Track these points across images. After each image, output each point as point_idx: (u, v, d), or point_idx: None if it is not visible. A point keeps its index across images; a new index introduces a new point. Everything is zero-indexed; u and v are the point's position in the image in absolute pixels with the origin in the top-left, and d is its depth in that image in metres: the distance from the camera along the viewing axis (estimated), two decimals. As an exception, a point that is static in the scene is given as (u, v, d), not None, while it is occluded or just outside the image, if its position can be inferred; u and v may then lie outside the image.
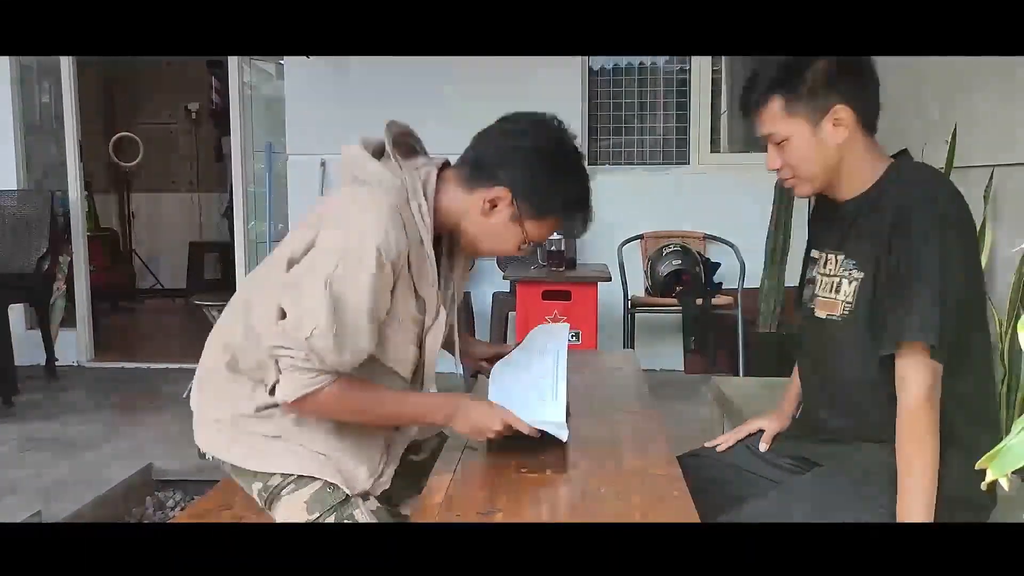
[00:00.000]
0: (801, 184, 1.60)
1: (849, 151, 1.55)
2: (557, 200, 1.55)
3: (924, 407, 1.43)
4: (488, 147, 1.56)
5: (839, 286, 1.58)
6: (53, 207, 4.94)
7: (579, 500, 1.34)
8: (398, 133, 1.58)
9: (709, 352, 4.85)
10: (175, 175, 8.16)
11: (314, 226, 1.46)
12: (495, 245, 1.59)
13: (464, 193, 1.55)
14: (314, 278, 1.39)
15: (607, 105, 5.12)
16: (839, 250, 1.60)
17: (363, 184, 1.48)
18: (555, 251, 3.97)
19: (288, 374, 1.41)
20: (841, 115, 1.52)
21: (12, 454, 3.48)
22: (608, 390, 2.02)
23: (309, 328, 1.37)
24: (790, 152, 1.57)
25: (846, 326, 1.56)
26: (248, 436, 1.54)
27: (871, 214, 1.55)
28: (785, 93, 1.54)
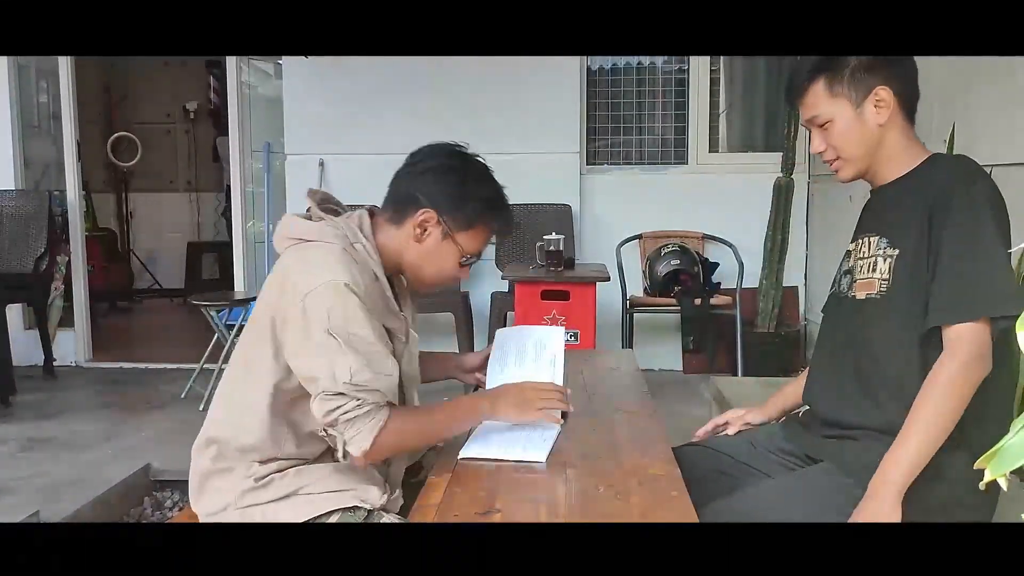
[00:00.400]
0: (845, 166, 1.64)
1: (890, 133, 1.60)
2: (477, 205, 1.61)
3: (959, 372, 1.42)
4: (402, 182, 1.63)
5: (875, 265, 1.60)
6: (51, 207, 4.95)
7: (577, 500, 1.34)
8: (320, 199, 1.65)
9: (707, 352, 4.85)
10: (173, 175, 8.16)
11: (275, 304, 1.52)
12: (437, 269, 1.64)
13: (396, 229, 1.61)
14: (319, 338, 1.45)
15: (605, 105, 5.12)
16: (874, 232, 1.64)
17: (307, 243, 1.55)
18: (554, 251, 3.97)
19: (352, 428, 1.47)
20: (883, 96, 1.57)
21: (10, 454, 3.48)
22: (607, 390, 2.02)
23: (345, 374, 1.44)
24: (834, 133, 1.61)
25: (883, 302, 1.57)
26: (260, 507, 1.56)
27: (907, 196, 1.58)
28: (829, 75, 1.59)
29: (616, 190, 4.99)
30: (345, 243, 1.53)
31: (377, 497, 1.57)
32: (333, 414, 1.46)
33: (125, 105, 7.97)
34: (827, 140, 1.63)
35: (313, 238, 1.54)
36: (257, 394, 1.54)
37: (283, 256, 1.58)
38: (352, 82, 4.69)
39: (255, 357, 1.56)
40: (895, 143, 1.61)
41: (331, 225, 1.56)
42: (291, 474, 1.56)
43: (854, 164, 1.63)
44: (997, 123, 2.82)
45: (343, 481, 1.56)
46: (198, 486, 1.61)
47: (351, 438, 1.48)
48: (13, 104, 5.08)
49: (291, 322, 1.48)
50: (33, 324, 5.01)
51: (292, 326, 1.48)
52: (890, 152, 1.61)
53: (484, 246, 1.67)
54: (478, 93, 4.86)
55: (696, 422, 2.45)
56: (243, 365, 1.60)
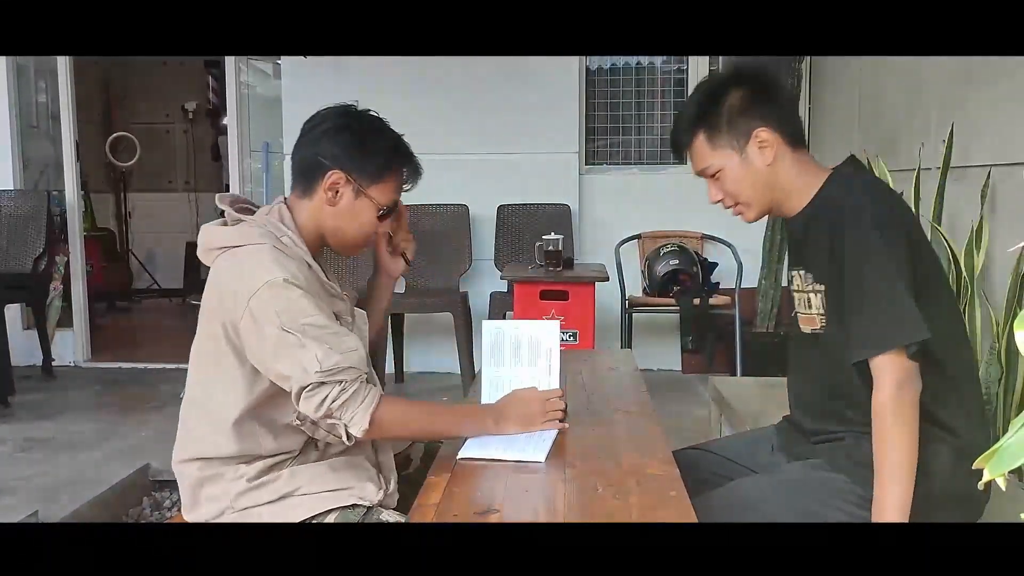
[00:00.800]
0: (746, 210, 1.66)
1: (781, 169, 1.61)
2: (380, 156, 1.61)
3: (892, 402, 1.44)
4: (302, 152, 1.63)
5: (810, 301, 1.62)
6: (50, 207, 4.94)
7: (576, 500, 1.34)
8: (232, 201, 1.64)
9: (706, 352, 4.85)
10: (172, 175, 8.16)
11: (220, 313, 1.52)
12: (357, 226, 1.63)
13: (309, 201, 1.62)
14: (276, 339, 1.46)
15: (604, 105, 5.11)
16: (800, 266, 1.65)
17: (235, 248, 1.54)
18: (552, 251, 3.97)
19: (347, 412, 1.48)
20: (764, 136, 1.58)
21: (9, 454, 3.47)
22: (605, 390, 2.02)
23: (314, 364, 1.45)
24: (726, 182, 1.64)
25: (827, 336, 1.59)
26: (257, 509, 1.56)
27: (813, 229, 1.59)
28: (706, 128, 1.62)
29: (615, 190, 4.99)
30: (272, 240, 1.54)
31: (374, 493, 1.57)
32: (323, 406, 1.46)
33: (124, 105, 7.97)
34: (721, 189, 1.65)
35: (240, 242, 1.54)
36: (227, 406, 1.54)
37: (214, 266, 1.56)
38: (351, 82, 4.68)
39: (217, 370, 1.55)
40: (789, 177, 1.61)
41: (252, 225, 1.56)
42: (285, 475, 1.56)
43: (754, 207, 1.65)
44: (995, 123, 2.82)
45: (339, 480, 1.57)
46: (190, 497, 1.61)
47: (349, 421, 1.49)
48: (12, 104, 5.08)
49: (244, 329, 1.48)
50: (32, 324, 5.01)
51: (245, 332, 1.48)
52: (787, 186, 1.62)
53: (397, 195, 1.67)
54: (477, 93, 4.86)
55: (695, 422, 2.45)
56: (205, 380, 1.59)
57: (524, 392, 1.66)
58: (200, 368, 1.60)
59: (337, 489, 1.56)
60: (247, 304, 1.46)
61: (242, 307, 1.47)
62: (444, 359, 4.84)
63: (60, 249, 5.17)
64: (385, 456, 1.68)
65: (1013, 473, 1.76)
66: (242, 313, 1.47)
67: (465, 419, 1.66)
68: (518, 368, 1.70)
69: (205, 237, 1.59)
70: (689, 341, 4.77)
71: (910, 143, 3.37)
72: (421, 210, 4.83)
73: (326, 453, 1.61)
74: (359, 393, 1.49)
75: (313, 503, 1.55)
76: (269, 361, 1.48)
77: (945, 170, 2.94)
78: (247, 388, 1.53)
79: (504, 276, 4.16)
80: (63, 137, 5.18)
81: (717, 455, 1.83)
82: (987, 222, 2.79)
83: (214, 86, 7.67)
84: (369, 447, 1.67)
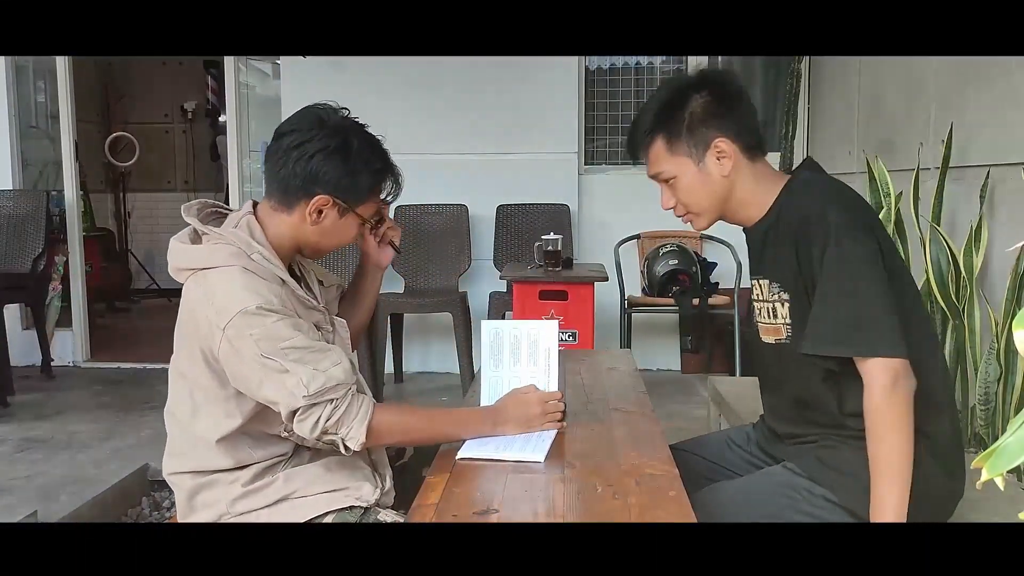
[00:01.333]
0: (697, 219, 1.65)
1: (738, 180, 1.59)
2: (367, 177, 1.59)
3: (886, 403, 1.43)
4: (286, 168, 1.56)
5: (775, 311, 1.61)
6: (49, 207, 4.94)
7: (575, 499, 1.34)
8: (200, 210, 1.62)
9: (705, 351, 4.85)
10: (171, 175, 8.16)
11: (198, 338, 1.50)
12: (339, 240, 1.64)
13: (286, 215, 1.58)
14: (257, 367, 1.44)
15: (604, 105, 5.11)
16: (762, 275, 1.64)
17: (204, 271, 1.52)
18: (552, 251, 3.97)
19: (343, 428, 1.47)
20: (723, 147, 1.57)
21: (8, 454, 3.47)
22: (605, 389, 2.02)
23: (301, 389, 1.43)
24: (680, 189, 1.62)
25: (792, 346, 1.58)
26: (255, 513, 1.56)
27: (775, 237, 1.58)
28: (665, 133, 1.60)
29: (614, 190, 4.99)
30: (242, 259, 1.50)
31: (371, 493, 1.57)
32: (318, 427, 1.45)
33: (123, 105, 7.96)
34: (675, 196, 1.63)
35: (209, 264, 1.51)
36: (211, 428, 1.53)
37: (185, 287, 1.54)
38: (350, 82, 4.69)
39: (200, 393, 1.54)
40: (745, 188, 1.60)
41: (221, 243, 1.52)
42: (281, 479, 1.56)
43: (706, 216, 1.64)
44: (994, 123, 2.82)
45: (335, 480, 1.57)
46: (186, 505, 1.60)
47: (346, 437, 1.48)
48: (11, 104, 5.08)
49: (223, 357, 1.46)
50: (31, 324, 5.01)
51: (225, 360, 1.46)
52: (742, 197, 1.61)
53: (380, 207, 1.68)
54: (477, 93, 4.86)
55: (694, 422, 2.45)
56: (188, 402, 1.57)
57: (523, 393, 1.65)
58: (182, 387, 1.58)
59: (333, 490, 1.56)
60: (223, 332, 1.44)
61: (218, 335, 1.45)
62: (443, 359, 4.84)
63: (59, 249, 5.17)
64: (379, 454, 1.68)
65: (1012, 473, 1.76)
66: (219, 341, 1.45)
67: (463, 423, 1.64)
68: (517, 368, 1.70)
69: (173, 256, 1.56)
70: (688, 341, 4.78)
71: (909, 143, 3.37)
72: (421, 210, 4.83)
73: (319, 453, 1.61)
74: (352, 407, 1.48)
75: (310, 505, 1.54)
76: (254, 389, 1.46)
77: (944, 170, 2.95)
78: (231, 410, 1.52)
79: (503, 276, 4.16)
80: (62, 137, 5.18)
81: (695, 455, 1.84)
82: (986, 222, 2.79)
83: (213, 86, 7.67)
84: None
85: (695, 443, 1.91)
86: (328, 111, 1.60)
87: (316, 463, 1.59)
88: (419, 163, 5.03)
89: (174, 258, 1.56)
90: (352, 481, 1.57)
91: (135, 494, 3.19)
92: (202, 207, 1.63)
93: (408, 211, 4.81)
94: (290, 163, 1.56)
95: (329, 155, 1.55)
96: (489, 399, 1.69)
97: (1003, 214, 2.78)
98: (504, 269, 4.34)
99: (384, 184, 1.63)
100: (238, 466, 1.55)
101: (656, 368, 4.97)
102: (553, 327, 1.72)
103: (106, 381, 4.83)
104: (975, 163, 2.91)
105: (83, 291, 5.25)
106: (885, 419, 1.43)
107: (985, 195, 2.80)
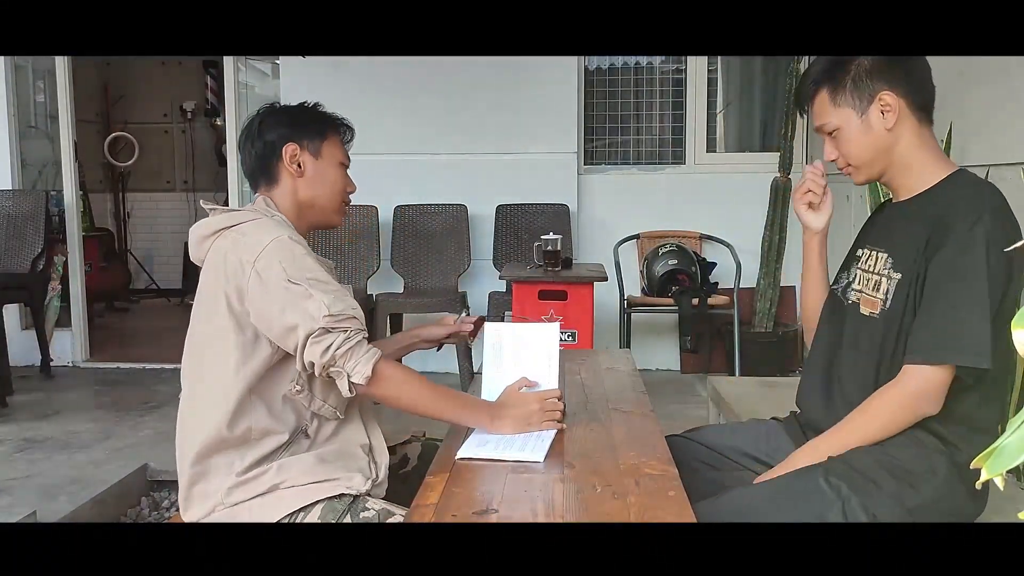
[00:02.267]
0: (856, 172, 1.65)
1: (903, 137, 1.58)
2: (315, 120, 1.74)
3: (901, 405, 1.48)
4: (251, 153, 1.73)
5: (879, 284, 1.60)
6: (48, 207, 4.94)
7: (575, 499, 1.34)
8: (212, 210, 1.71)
9: (705, 351, 4.85)
10: (170, 175, 8.15)
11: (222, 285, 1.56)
12: (330, 186, 1.74)
13: (278, 187, 1.71)
14: (282, 291, 1.50)
15: (603, 105, 5.11)
16: (883, 248, 1.63)
17: (235, 226, 1.60)
18: (551, 251, 3.97)
19: (350, 360, 1.50)
20: (887, 100, 1.56)
21: (7, 454, 3.47)
22: (604, 390, 2.02)
23: (322, 309, 1.49)
24: (842, 141, 1.62)
25: (880, 324, 1.58)
26: (247, 503, 1.56)
27: (917, 217, 1.57)
28: (831, 85, 1.60)
29: (614, 190, 4.99)
30: (267, 216, 1.62)
31: (361, 483, 1.58)
32: (328, 353, 1.48)
33: (122, 105, 7.96)
34: (837, 148, 1.63)
35: (241, 220, 1.60)
36: (224, 379, 1.56)
37: (213, 247, 1.60)
38: (350, 82, 4.69)
39: (213, 351, 1.58)
40: (908, 148, 1.59)
41: (244, 209, 1.65)
42: (274, 468, 1.57)
43: (865, 170, 1.63)
44: (993, 123, 2.82)
45: (327, 471, 1.58)
46: (185, 497, 1.62)
47: (352, 369, 1.50)
48: (10, 104, 5.07)
49: (250, 290, 1.52)
50: (30, 324, 5.01)
51: (252, 292, 1.52)
52: (905, 159, 1.59)
53: (344, 149, 1.78)
54: (476, 93, 4.85)
55: (693, 421, 2.44)
56: (200, 366, 1.62)
57: (522, 392, 1.65)
58: (195, 357, 1.64)
59: (323, 480, 1.57)
60: (253, 266, 1.52)
61: (248, 269, 1.52)
62: (443, 359, 4.82)
63: (58, 249, 5.17)
64: (377, 440, 1.69)
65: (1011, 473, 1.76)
66: (248, 274, 1.52)
67: (462, 405, 1.65)
68: (518, 369, 1.69)
69: (198, 228, 1.64)
70: (688, 341, 4.78)
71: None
72: (420, 210, 4.83)
73: (316, 440, 1.61)
74: (362, 344, 1.52)
75: (298, 495, 1.55)
76: (276, 315, 1.51)
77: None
78: (244, 358, 1.55)
79: (503, 276, 4.16)
80: (61, 137, 5.18)
81: (699, 444, 1.84)
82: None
83: (212, 86, 7.67)
84: (361, 428, 1.67)
85: (698, 433, 1.91)
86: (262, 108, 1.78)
87: (311, 454, 1.59)
88: (419, 163, 5.06)
89: (199, 228, 1.64)
90: (344, 472, 1.58)
91: (134, 494, 3.19)
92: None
93: (408, 211, 4.81)
94: (251, 146, 1.72)
95: (273, 117, 1.73)
96: (489, 399, 1.69)
97: (1002, 214, 2.78)
98: (504, 269, 4.34)
99: (331, 121, 1.75)
100: (239, 439, 1.56)
101: (655, 368, 4.97)
102: (554, 330, 1.72)
103: (105, 381, 4.83)
104: (974, 163, 2.91)
105: (82, 291, 5.24)
106: (889, 413, 1.48)
107: (984, 195, 2.79)
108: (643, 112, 5.14)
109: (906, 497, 1.47)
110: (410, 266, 4.80)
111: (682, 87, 5.08)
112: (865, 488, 1.49)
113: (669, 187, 4.97)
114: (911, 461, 1.50)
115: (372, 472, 1.62)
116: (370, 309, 4.37)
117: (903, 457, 1.50)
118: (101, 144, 7.56)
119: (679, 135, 5.08)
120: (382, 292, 4.64)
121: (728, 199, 4.88)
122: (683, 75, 5.07)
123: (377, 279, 4.79)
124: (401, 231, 4.82)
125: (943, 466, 1.49)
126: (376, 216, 4.73)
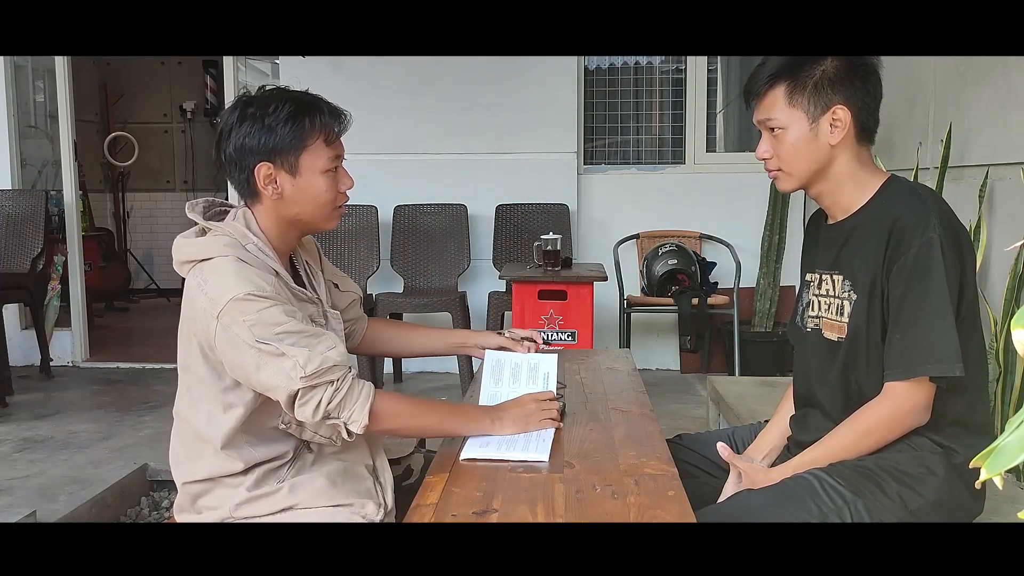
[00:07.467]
0: (786, 179, 1.61)
1: (841, 155, 1.56)
2: (286, 124, 1.52)
3: (885, 423, 1.49)
4: (224, 154, 1.57)
5: (842, 308, 1.59)
6: (48, 207, 4.94)
7: (574, 500, 1.34)
8: (207, 208, 1.63)
9: (704, 351, 4.85)
10: (170, 175, 8.15)
11: (196, 331, 1.52)
12: (314, 200, 1.57)
13: (260, 204, 1.58)
14: (253, 353, 1.43)
15: (603, 105, 5.11)
16: (835, 270, 1.61)
17: (201, 262, 1.53)
18: (551, 251, 3.97)
19: (344, 411, 1.47)
20: (840, 115, 1.53)
21: (7, 454, 3.47)
22: (604, 389, 2.02)
23: (298, 371, 1.42)
24: (782, 143, 1.57)
25: (849, 347, 1.57)
26: (257, 520, 1.55)
27: (865, 235, 1.55)
28: (791, 83, 1.55)
29: (613, 190, 4.99)
30: (236, 250, 1.51)
31: (374, 512, 1.58)
32: (320, 410, 1.45)
33: (122, 105, 7.96)
34: (774, 148, 1.59)
35: (206, 255, 1.52)
36: (212, 426, 1.54)
37: (187, 281, 1.55)
38: (350, 82, 4.69)
39: (201, 387, 1.55)
40: (844, 168, 1.57)
41: (219, 235, 1.54)
42: (286, 488, 1.56)
43: (796, 179, 1.59)
44: (993, 123, 2.82)
45: (339, 496, 1.57)
46: (190, 507, 1.61)
47: (348, 419, 1.47)
48: (10, 104, 5.07)
49: (219, 347, 1.47)
50: (30, 324, 5.00)
51: (221, 350, 1.47)
52: (838, 176, 1.57)
53: (333, 148, 1.57)
54: (476, 93, 4.85)
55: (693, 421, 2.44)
56: (190, 396, 1.59)
57: (519, 397, 1.69)
58: (183, 383, 1.61)
59: (337, 505, 1.56)
60: (217, 320, 1.45)
61: (213, 324, 1.45)
62: (443, 359, 4.83)
63: (58, 249, 5.17)
64: (381, 461, 1.68)
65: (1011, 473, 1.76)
66: (214, 330, 1.45)
67: (462, 416, 1.65)
68: (516, 386, 1.76)
69: (176, 251, 1.58)
70: (687, 341, 4.78)
71: (908, 142, 3.37)
72: (420, 210, 4.83)
73: (321, 453, 1.60)
74: (353, 390, 1.47)
75: (313, 519, 1.54)
76: (252, 375, 1.45)
77: (943, 170, 2.95)
78: (229, 403, 1.52)
79: (503, 276, 4.16)
80: (61, 137, 5.18)
81: (698, 448, 1.84)
82: (985, 221, 2.79)
83: (212, 86, 7.67)
84: (366, 450, 1.66)
85: (689, 438, 1.91)
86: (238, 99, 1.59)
87: (320, 473, 1.58)
88: (418, 163, 5.06)
89: (177, 252, 1.58)
90: (356, 497, 1.58)
91: (134, 494, 3.19)
92: (208, 206, 1.64)
93: (407, 211, 4.81)
94: (222, 156, 1.56)
95: (237, 129, 1.53)
96: None
97: (1002, 214, 2.78)
98: (503, 269, 4.34)
99: (312, 122, 1.53)
100: (245, 468, 1.55)
101: (655, 368, 4.97)
102: (553, 359, 1.80)
103: (105, 381, 4.83)
104: (974, 163, 2.92)
105: (82, 291, 5.24)
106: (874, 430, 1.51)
107: (984, 195, 2.80)
108: (643, 112, 5.14)
109: (908, 499, 1.47)
110: (410, 266, 4.80)
111: (682, 87, 5.08)
112: (869, 491, 1.49)
113: (669, 187, 4.97)
114: (909, 464, 1.50)
115: (379, 496, 1.61)
116: (370, 309, 4.36)
117: (901, 461, 1.51)
118: (101, 144, 7.56)
119: (679, 135, 5.08)
120: (382, 292, 4.64)
121: (728, 199, 4.88)
122: (683, 75, 5.07)
123: (377, 279, 4.80)
124: (401, 231, 4.82)
125: (942, 467, 1.49)
126: (376, 216, 4.73)
